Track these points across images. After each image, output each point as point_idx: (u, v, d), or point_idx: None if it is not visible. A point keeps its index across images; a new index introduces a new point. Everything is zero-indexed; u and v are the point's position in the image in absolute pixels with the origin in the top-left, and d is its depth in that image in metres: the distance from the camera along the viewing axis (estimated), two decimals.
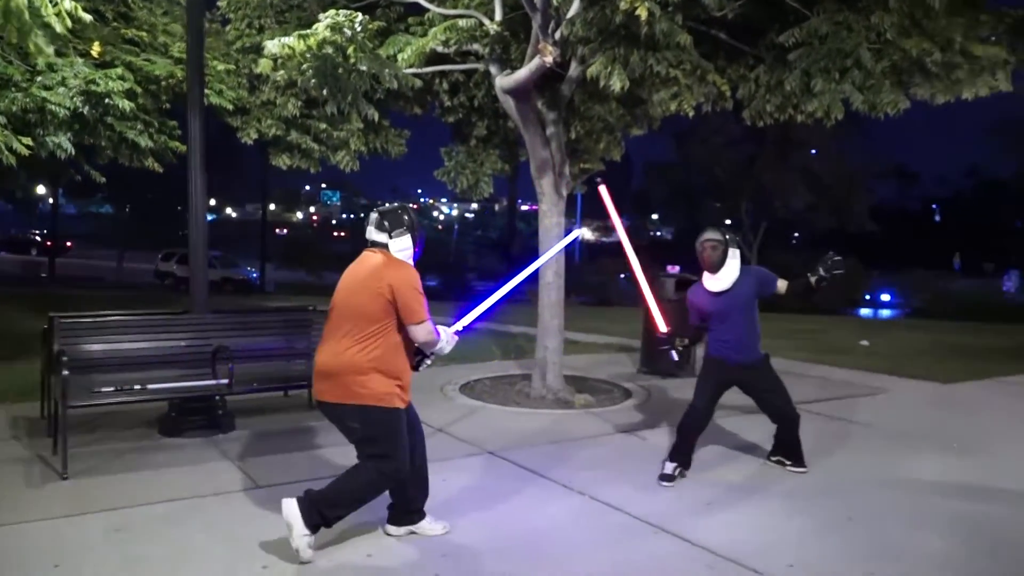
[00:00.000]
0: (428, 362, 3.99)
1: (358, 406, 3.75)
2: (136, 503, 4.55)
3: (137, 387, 5.53)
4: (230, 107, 8.62)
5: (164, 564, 3.75)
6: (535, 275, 5.74)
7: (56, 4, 5.05)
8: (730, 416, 6.83)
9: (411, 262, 3.89)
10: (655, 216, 63.83)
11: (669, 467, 5.19)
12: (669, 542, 4.16)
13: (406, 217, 3.89)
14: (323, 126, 9.04)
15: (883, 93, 6.60)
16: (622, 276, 35.61)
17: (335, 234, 67.31)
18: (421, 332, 3.76)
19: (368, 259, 3.86)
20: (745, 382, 5.28)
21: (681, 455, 5.25)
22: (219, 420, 6.14)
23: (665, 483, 5.09)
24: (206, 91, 7.61)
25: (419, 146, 10.31)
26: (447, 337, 3.89)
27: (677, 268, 9.51)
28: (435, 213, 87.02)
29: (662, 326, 5.26)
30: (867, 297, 32.48)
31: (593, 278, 31.28)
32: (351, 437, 3.89)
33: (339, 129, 9.04)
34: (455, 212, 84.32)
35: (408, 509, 4.15)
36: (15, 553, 3.84)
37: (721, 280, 5.10)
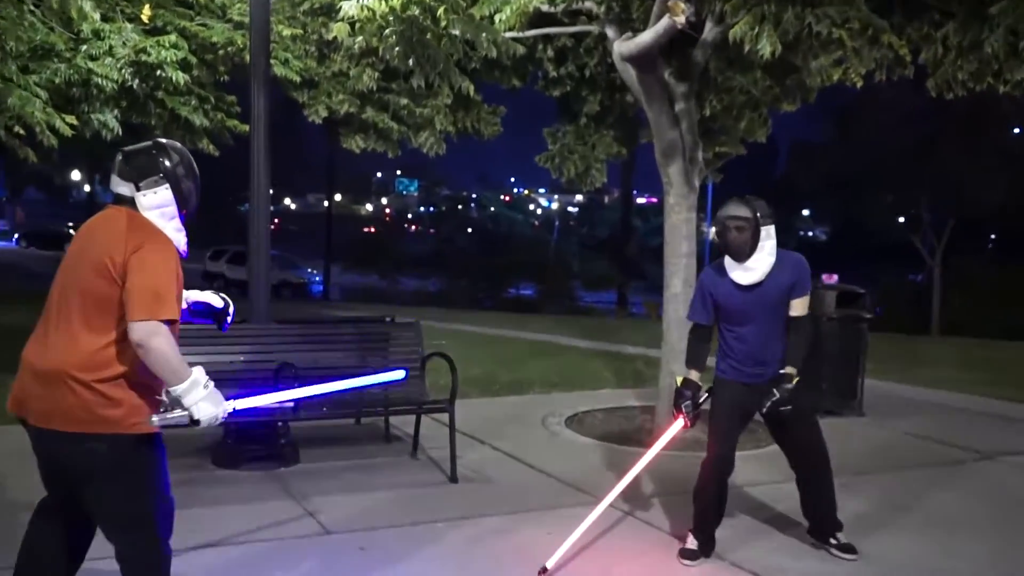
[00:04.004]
0: (171, 416, 3.19)
1: (97, 436, 3.10)
2: (186, 546, 4.72)
3: None
4: (296, 79, 8.89)
5: None
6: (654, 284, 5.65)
7: None
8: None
9: (175, 225, 3.26)
10: (805, 212, 62.32)
11: (693, 542, 4.86)
12: None
13: (163, 160, 3.23)
14: (404, 102, 9.24)
15: None
16: None
17: (412, 229, 68.76)
18: (145, 332, 2.98)
19: (107, 219, 3.23)
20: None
21: (705, 528, 4.86)
22: (281, 450, 6.35)
23: (687, 561, 4.75)
24: (271, 60, 7.82)
25: (512, 127, 10.38)
26: (201, 389, 3.16)
27: (835, 277, 9.22)
28: (531, 206, 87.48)
29: None
30: None
31: None
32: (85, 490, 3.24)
33: (423, 106, 9.23)
34: (555, 206, 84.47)
35: None
36: None
37: (751, 271, 4.60)
